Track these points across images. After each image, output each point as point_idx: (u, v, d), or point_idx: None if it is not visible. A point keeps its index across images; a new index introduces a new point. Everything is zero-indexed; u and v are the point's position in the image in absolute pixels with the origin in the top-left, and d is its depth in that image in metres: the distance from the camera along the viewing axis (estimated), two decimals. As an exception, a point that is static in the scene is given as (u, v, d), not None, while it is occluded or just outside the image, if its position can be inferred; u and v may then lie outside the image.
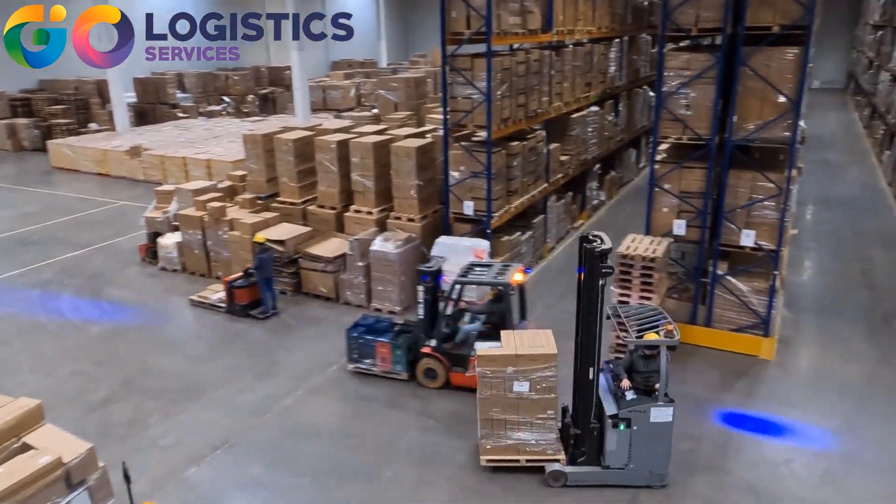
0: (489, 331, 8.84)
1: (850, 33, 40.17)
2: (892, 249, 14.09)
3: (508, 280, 8.60)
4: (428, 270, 8.92)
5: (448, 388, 8.96)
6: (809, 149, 23.14)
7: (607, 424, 6.88)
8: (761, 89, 8.98)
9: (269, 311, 11.27)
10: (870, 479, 7.24)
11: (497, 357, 7.01)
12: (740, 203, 9.42)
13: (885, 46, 24.70)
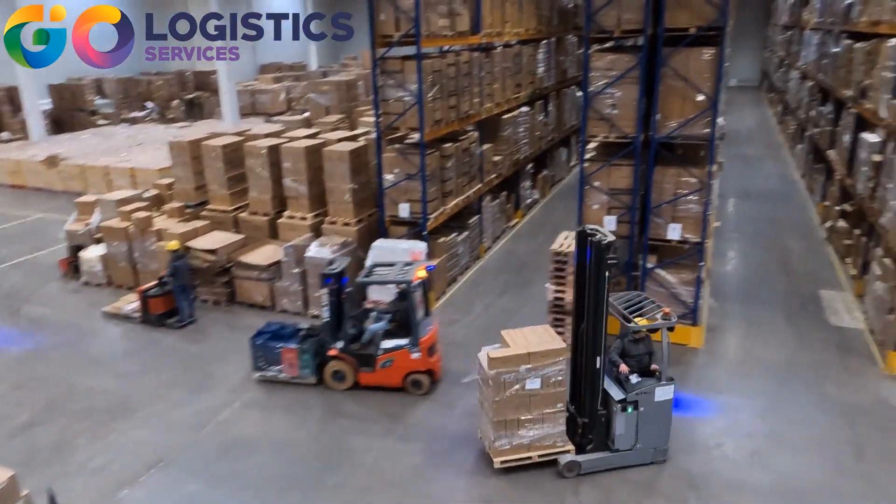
0: (395, 329, 8.98)
1: (762, 34, 42.26)
2: (806, 238, 14.91)
3: (411, 278, 8.72)
4: (331, 273, 8.92)
5: (357, 388, 9.00)
6: (728, 144, 24.24)
7: (614, 410, 7.15)
8: (682, 88, 9.33)
9: (186, 320, 11.01)
10: (794, 457, 7.63)
11: (510, 358, 7.01)
12: (666, 198, 9.77)
13: (793, 46, 26.10)
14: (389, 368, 8.86)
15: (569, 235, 10.01)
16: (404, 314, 8.92)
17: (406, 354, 8.84)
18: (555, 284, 9.65)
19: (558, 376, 7.14)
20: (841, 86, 15.26)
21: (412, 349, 8.82)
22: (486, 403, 7.30)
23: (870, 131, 12.57)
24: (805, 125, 20.73)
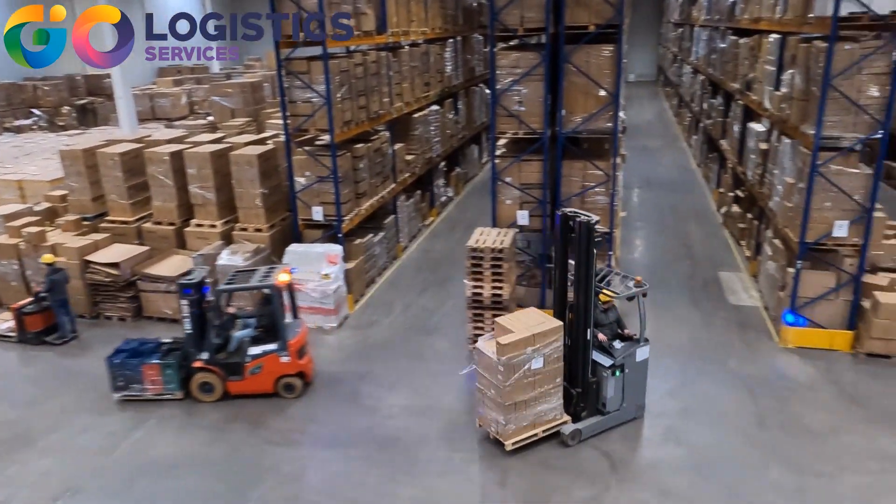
0: (262, 335, 8.89)
1: (656, 31, 44.35)
2: (705, 223, 15.77)
3: (274, 282, 8.65)
4: (190, 283, 8.63)
5: (227, 398, 8.80)
6: (630, 137, 25.26)
7: (604, 375, 7.76)
8: (584, 84, 9.67)
9: (68, 336, 10.50)
10: (704, 431, 8.07)
11: (518, 342, 7.22)
12: (575, 191, 10.09)
13: (685, 42, 27.54)
14: (259, 375, 8.73)
15: (483, 231, 10.15)
16: (270, 319, 8.82)
17: (275, 359, 8.73)
18: (472, 280, 9.76)
19: (556, 353, 7.52)
20: (729, 79, 16.24)
21: (281, 353, 8.72)
22: (494, 390, 7.43)
23: (756, 121, 13.46)
24: (699, 117, 21.93)
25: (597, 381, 7.82)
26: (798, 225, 9.47)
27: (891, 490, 6.95)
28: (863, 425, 8.02)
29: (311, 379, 9.19)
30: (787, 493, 6.95)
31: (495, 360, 7.29)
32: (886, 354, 9.37)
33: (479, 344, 7.71)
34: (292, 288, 9.19)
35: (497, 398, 7.43)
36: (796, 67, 10.19)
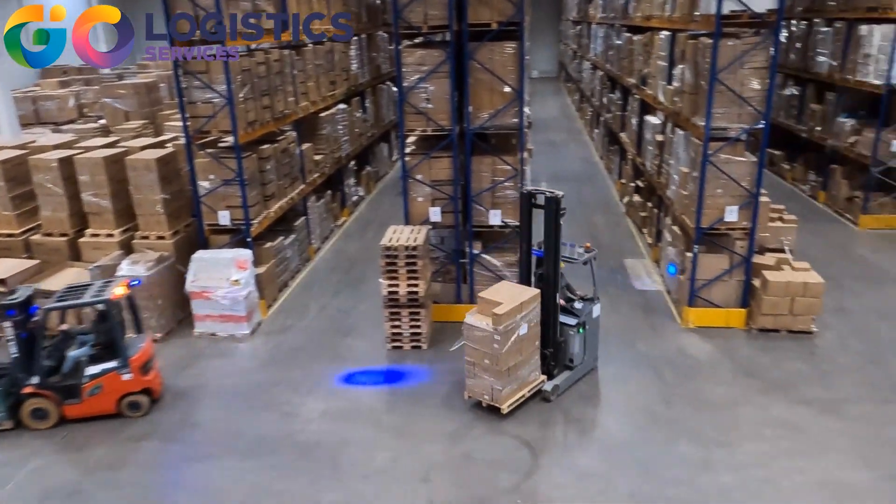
0: (100, 353, 8.47)
1: (556, 28, 45.67)
2: (609, 214, 16.41)
3: (109, 297, 8.23)
4: (13, 303, 8.08)
5: (64, 423, 8.32)
6: (536, 131, 25.92)
7: (570, 334, 8.76)
8: (489, 81, 9.83)
9: None
10: (616, 413, 8.43)
11: (510, 311, 7.85)
12: (485, 186, 10.25)
13: (583, 39, 28.53)
14: (99, 395, 8.27)
15: (397, 229, 10.14)
16: (108, 335, 8.40)
17: (116, 377, 8.30)
18: (388, 279, 9.73)
19: (536, 318, 8.31)
20: (626, 74, 16.97)
21: (122, 371, 8.32)
22: (488, 359, 8.02)
23: (652, 114, 14.14)
24: (600, 111, 22.79)
25: (564, 339, 8.79)
26: (693, 212, 10.03)
27: (785, 454, 7.50)
28: (758, 396, 8.61)
29: (158, 395, 8.77)
30: (694, 465, 7.35)
31: (491, 329, 7.84)
32: (776, 329, 10.09)
33: (467, 320, 8.16)
34: (133, 301, 8.78)
35: (493, 366, 8.01)
36: (686, 63, 10.78)
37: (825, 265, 11.83)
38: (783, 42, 18.53)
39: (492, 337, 7.85)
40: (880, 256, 13.13)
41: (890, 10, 13.48)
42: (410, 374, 9.42)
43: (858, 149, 14.94)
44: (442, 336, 10.34)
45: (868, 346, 9.75)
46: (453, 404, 8.60)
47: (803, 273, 10.15)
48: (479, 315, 8.11)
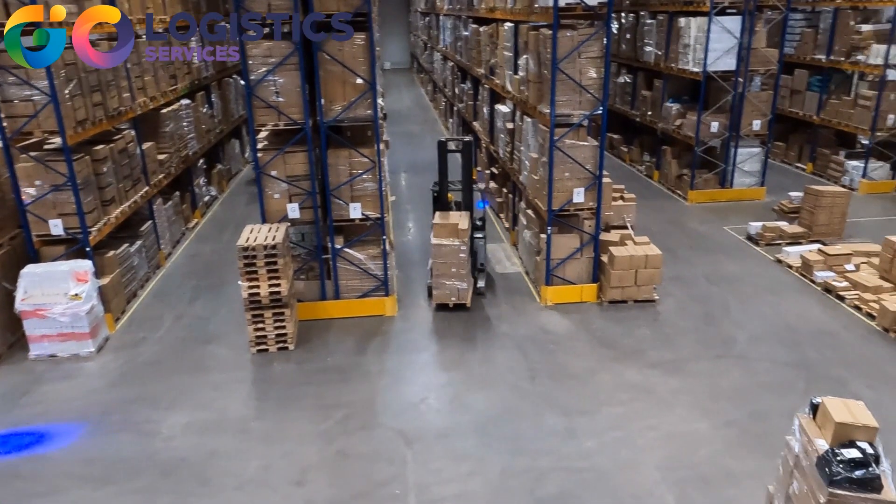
0: None
1: (406, 20, 45.94)
2: (468, 200, 16.82)
3: None
4: None
5: None
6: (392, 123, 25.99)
7: (480, 245, 11.38)
8: (340, 73, 9.68)
9: None
10: (485, 393, 8.68)
11: (465, 228, 10.45)
12: (343, 179, 10.12)
13: (433, 30, 28.94)
14: None
15: (254, 229, 9.76)
16: None
17: None
18: (247, 281, 9.35)
19: (466, 243, 10.52)
20: (475, 65, 17.43)
21: None
22: (454, 268, 10.47)
23: (502, 103, 14.65)
24: (453, 101, 23.25)
25: (476, 250, 11.23)
26: (545, 195, 10.54)
27: (639, 415, 8.13)
28: (613, 364, 9.26)
29: None
30: (560, 435, 7.78)
31: (458, 243, 10.33)
32: (624, 300, 10.89)
33: (434, 242, 10.36)
34: None
35: (459, 271, 10.46)
36: (529, 53, 11.26)
37: (662, 238, 12.96)
38: (615, 33, 19.93)
39: (458, 248, 10.34)
40: (707, 227, 14.57)
41: (703, 4, 14.90)
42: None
43: (684, 131, 16.44)
44: (309, 335, 10.12)
45: (702, 309, 10.79)
46: (325, 403, 8.47)
47: (644, 247, 11.02)
48: (439, 238, 10.41)
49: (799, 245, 12.84)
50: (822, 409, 5.31)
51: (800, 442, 5.44)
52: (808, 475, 5.23)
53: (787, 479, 5.62)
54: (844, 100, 17.39)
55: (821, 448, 5.15)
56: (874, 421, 5.14)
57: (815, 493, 5.05)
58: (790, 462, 5.56)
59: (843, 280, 11.15)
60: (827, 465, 4.96)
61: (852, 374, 8.84)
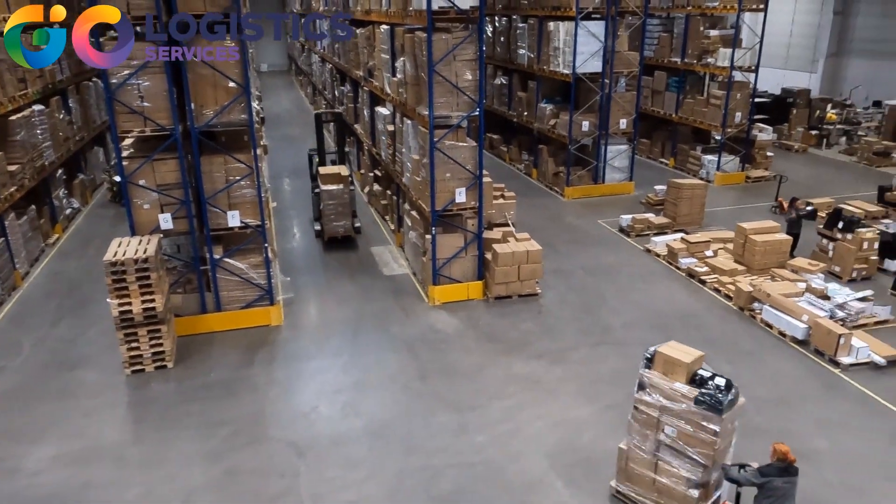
0: None
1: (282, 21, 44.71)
2: (353, 204, 16.70)
3: None
4: None
5: None
6: (271, 127, 25.30)
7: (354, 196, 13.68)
8: (211, 76, 9.29)
9: None
10: (377, 396, 8.66)
11: (334, 175, 13.02)
12: (219, 187, 9.72)
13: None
14: None
15: (122, 242, 9.16)
16: None
17: None
18: (117, 298, 8.77)
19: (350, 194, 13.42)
20: (354, 67, 17.30)
21: None
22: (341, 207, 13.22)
23: (382, 105, 14.64)
24: (333, 104, 22.94)
25: (353, 196, 13.40)
26: (428, 196, 10.65)
27: (527, 404, 8.41)
28: (501, 358, 9.52)
29: None
30: (452, 431, 7.89)
31: (342, 187, 13.24)
32: (508, 295, 11.22)
33: (323, 188, 12.95)
34: None
35: (345, 210, 13.37)
36: (406, 55, 11.34)
37: (542, 233, 13.48)
38: (489, 36, 20.50)
39: (343, 191, 13.16)
40: (583, 221, 15.32)
41: (570, 9, 15.64)
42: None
43: (558, 130, 17.18)
44: (190, 350, 9.65)
45: (581, 299, 11.33)
46: (210, 420, 8.11)
47: (525, 243, 11.42)
48: (327, 184, 13.08)
49: (665, 235, 13.79)
50: (661, 359, 6.13)
51: (657, 393, 6.12)
52: (685, 415, 5.96)
53: (654, 429, 6.26)
54: (698, 99, 18.87)
55: (684, 389, 5.96)
56: (696, 350, 6.22)
57: (705, 425, 5.92)
58: (653, 413, 6.19)
59: (704, 265, 12.10)
60: (709, 398, 5.85)
61: (714, 350, 9.59)
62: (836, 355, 9.17)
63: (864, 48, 26.53)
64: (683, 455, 6.15)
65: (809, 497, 6.79)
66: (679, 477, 6.22)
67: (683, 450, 6.12)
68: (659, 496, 6.42)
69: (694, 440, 6.03)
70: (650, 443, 6.34)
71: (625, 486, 6.68)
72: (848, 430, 7.86)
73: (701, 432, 5.96)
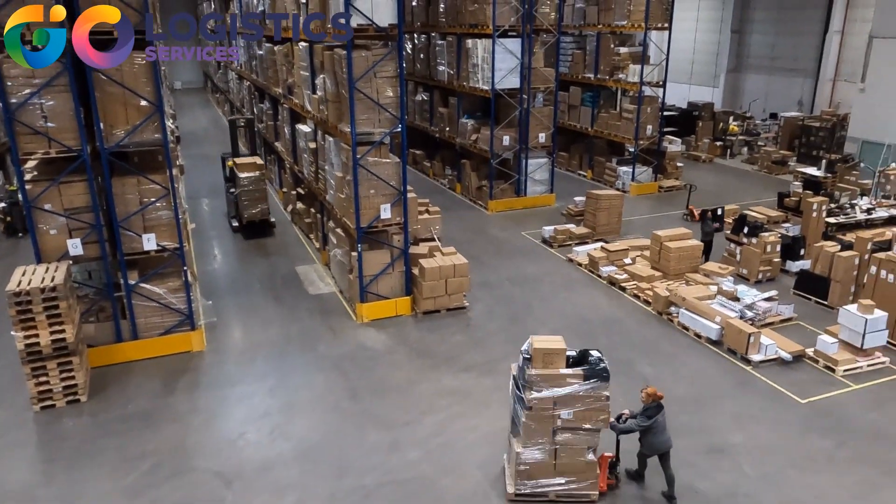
0: None
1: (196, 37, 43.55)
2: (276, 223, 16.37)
3: None
4: None
5: None
6: (188, 146, 24.55)
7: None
8: (121, 94, 8.94)
9: None
10: (306, 418, 8.48)
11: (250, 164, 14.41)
12: (132, 209, 9.33)
13: (225, 49, 27.74)
14: None
15: (27, 270, 8.63)
16: None
17: None
18: (23, 330, 8.24)
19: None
20: (272, 84, 17.04)
21: None
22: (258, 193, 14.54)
23: (303, 123, 14.48)
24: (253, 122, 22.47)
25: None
26: (353, 213, 10.59)
27: (458, 418, 8.44)
28: (431, 372, 9.53)
29: None
30: (384, 449, 7.82)
31: (259, 174, 14.61)
32: (436, 309, 11.27)
33: (240, 175, 14.04)
34: None
35: (261, 195, 14.83)
36: (326, 73, 11.28)
37: (468, 247, 13.65)
38: (409, 53, 20.68)
39: (260, 177, 14.65)
40: (507, 233, 15.60)
41: (487, 27, 15.99)
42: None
43: (480, 145, 17.46)
44: (105, 382, 9.18)
45: (508, 310, 11.51)
46: (128, 454, 7.71)
47: (452, 257, 11.51)
48: (244, 172, 14.34)
49: (586, 244, 14.22)
50: (539, 354, 6.58)
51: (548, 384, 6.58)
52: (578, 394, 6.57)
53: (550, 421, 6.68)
54: (612, 113, 19.65)
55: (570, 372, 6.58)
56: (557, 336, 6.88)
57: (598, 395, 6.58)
58: (549, 405, 6.60)
59: (623, 273, 12.55)
60: (597, 370, 6.57)
61: (636, 354, 9.96)
62: (748, 353, 9.69)
63: (759, 64, 28.41)
64: (579, 430, 6.71)
65: (729, 489, 7.13)
66: (578, 450, 6.78)
67: (580, 426, 6.67)
68: (561, 476, 6.86)
69: (589, 413, 6.64)
70: (548, 434, 6.71)
71: (524, 486, 6.90)
72: (761, 423, 8.30)
73: (595, 403, 6.60)
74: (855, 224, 14.52)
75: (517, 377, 6.89)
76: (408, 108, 20.42)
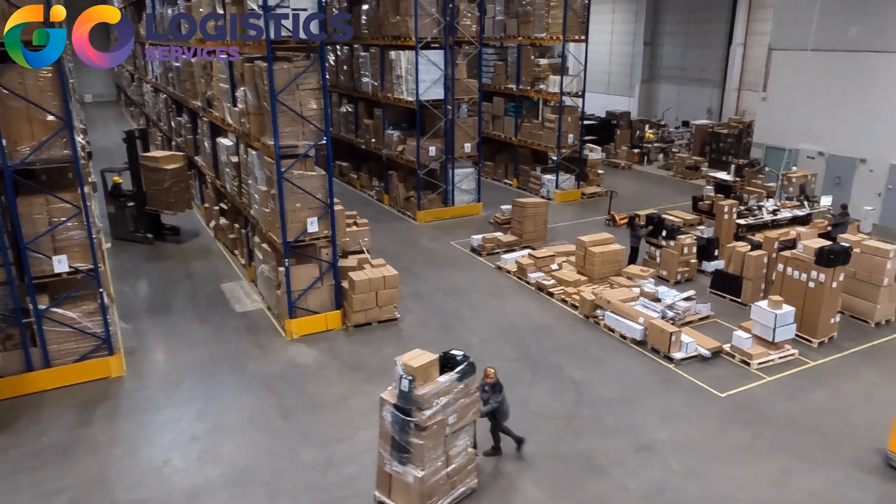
0: None
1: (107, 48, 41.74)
2: (200, 238, 15.85)
3: None
4: None
5: None
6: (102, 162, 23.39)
7: None
8: (25, 109, 8.48)
9: None
10: (236, 441, 8.21)
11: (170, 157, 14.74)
12: (41, 230, 8.82)
13: (139, 60, 26.74)
14: None
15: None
16: None
17: None
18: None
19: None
20: (191, 97, 16.54)
21: None
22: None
23: (224, 136, 14.11)
24: (170, 135, 21.74)
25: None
26: (279, 228, 10.38)
27: (392, 431, 8.37)
28: (364, 386, 9.42)
29: None
30: (319, 467, 7.67)
31: (180, 164, 14.55)
32: (368, 322, 11.18)
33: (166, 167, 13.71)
34: None
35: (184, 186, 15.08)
36: (246, 85, 11.04)
37: (398, 258, 13.63)
38: (332, 65, 20.53)
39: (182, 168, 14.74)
40: (436, 243, 15.67)
41: (409, 38, 16.08)
42: (-24, 472, 7.60)
43: (406, 156, 17.50)
44: (15, 415, 8.61)
45: (440, 320, 11.55)
46: (43, 490, 7.26)
47: (381, 268, 11.46)
48: (168, 164, 14.50)
49: (513, 252, 14.46)
50: (419, 372, 6.53)
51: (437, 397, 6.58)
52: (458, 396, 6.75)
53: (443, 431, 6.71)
54: (535, 123, 20.11)
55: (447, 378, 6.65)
56: (422, 349, 6.87)
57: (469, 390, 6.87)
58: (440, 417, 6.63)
59: (551, 278, 12.83)
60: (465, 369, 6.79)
61: (566, 358, 10.19)
62: (670, 351, 10.08)
63: (670, 74, 29.77)
64: (462, 429, 6.90)
65: (656, 485, 7.38)
66: (464, 449, 7.00)
67: (462, 424, 6.87)
68: (455, 481, 6.98)
69: (467, 408, 6.90)
70: (441, 446, 6.78)
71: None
72: (684, 419, 8.64)
73: (469, 398, 6.89)
74: (763, 225, 15.42)
75: (399, 404, 6.64)
76: (332, 120, 20.28)
